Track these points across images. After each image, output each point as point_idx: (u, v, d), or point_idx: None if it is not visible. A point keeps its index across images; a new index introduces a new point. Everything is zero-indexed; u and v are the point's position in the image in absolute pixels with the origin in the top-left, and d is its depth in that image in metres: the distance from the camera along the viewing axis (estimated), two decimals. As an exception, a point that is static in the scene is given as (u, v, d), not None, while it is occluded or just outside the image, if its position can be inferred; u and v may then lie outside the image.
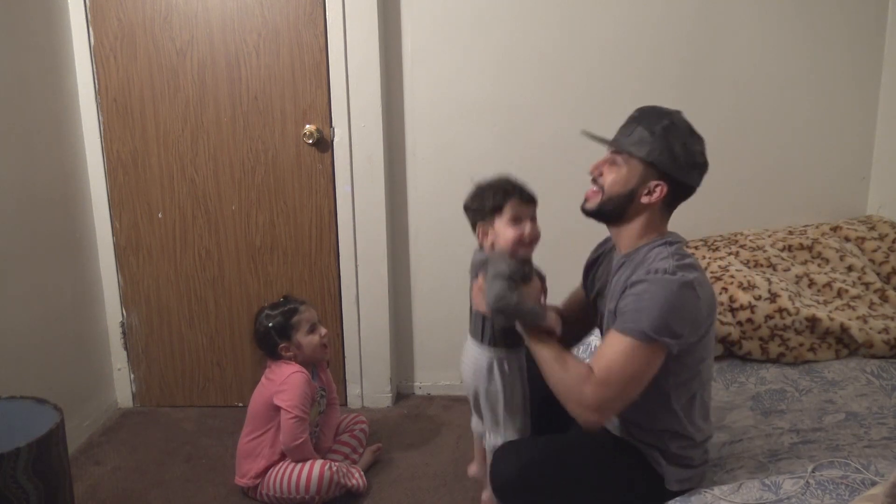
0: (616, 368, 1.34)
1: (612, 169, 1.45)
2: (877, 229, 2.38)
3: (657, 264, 1.37)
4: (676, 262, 1.37)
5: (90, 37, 2.46)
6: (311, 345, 2.10)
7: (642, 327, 1.32)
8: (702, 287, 1.37)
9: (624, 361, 1.34)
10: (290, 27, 2.44)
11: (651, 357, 1.34)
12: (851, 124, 2.49)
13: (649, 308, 1.32)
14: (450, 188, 2.61)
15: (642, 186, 1.42)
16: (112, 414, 2.70)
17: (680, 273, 1.34)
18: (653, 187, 1.42)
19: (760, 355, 2.12)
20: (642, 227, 1.46)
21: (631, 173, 1.43)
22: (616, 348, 1.35)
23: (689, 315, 1.35)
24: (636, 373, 1.34)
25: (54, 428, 1.69)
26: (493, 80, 2.51)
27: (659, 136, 1.40)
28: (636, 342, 1.33)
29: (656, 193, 1.42)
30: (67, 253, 2.45)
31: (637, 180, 1.42)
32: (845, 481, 1.40)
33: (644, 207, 1.44)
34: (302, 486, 2.01)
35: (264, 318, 2.10)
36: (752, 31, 2.43)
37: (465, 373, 1.64)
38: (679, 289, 1.33)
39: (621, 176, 1.43)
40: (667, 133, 1.40)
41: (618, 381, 1.34)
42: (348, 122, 2.48)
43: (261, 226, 2.60)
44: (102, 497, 2.15)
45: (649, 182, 1.42)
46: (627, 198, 1.44)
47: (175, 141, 2.54)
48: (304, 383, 2.05)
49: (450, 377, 2.80)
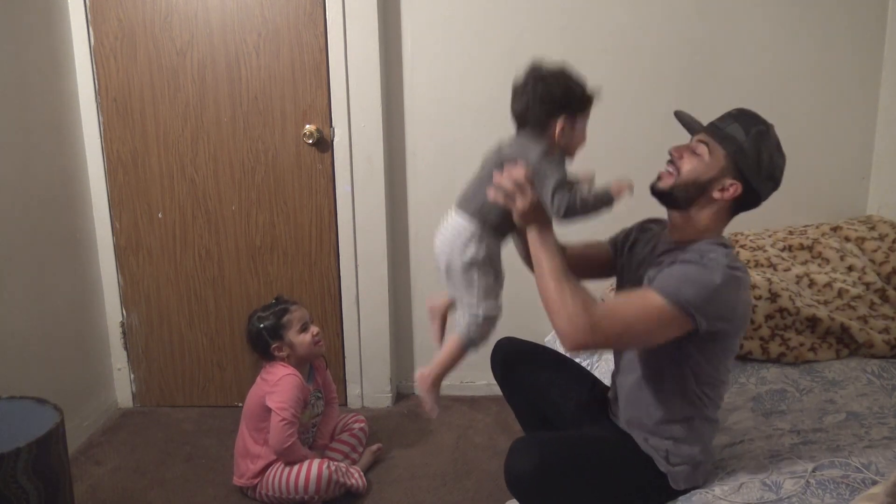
0: (625, 313, 1.33)
1: (693, 157, 1.44)
2: (877, 229, 2.38)
3: (712, 255, 1.37)
4: (728, 260, 1.37)
5: (90, 37, 2.46)
6: (304, 343, 2.10)
7: (673, 295, 1.31)
8: (744, 287, 1.38)
9: (636, 312, 1.33)
10: (290, 27, 2.44)
11: (669, 322, 1.32)
12: (851, 124, 2.49)
13: (692, 282, 1.32)
14: (450, 188, 2.60)
15: (718, 181, 1.42)
16: (112, 414, 2.69)
17: (732, 266, 1.35)
18: (728, 185, 1.41)
19: (761, 355, 2.12)
20: (703, 222, 1.45)
21: (713, 163, 1.42)
22: (641, 296, 1.34)
23: (727, 306, 1.35)
24: (645, 325, 1.33)
25: (54, 428, 1.68)
26: (493, 80, 2.51)
27: (752, 139, 1.41)
28: (665, 302, 1.31)
29: (729, 192, 1.41)
30: (67, 253, 2.45)
31: (716, 172, 1.42)
32: (846, 481, 1.40)
33: (712, 202, 1.43)
34: (301, 485, 2.01)
35: (256, 320, 2.11)
36: (752, 31, 2.43)
37: (439, 243, 1.52)
38: (724, 278, 1.33)
39: (702, 164, 1.42)
40: (760, 138, 1.41)
41: (621, 322, 1.33)
42: (348, 122, 2.48)
43: (261, 226, 2.60)
44: (102, 497, 2.14)
45: (726, 178, 1.41)
46: (700, 187, 1.43)
47: (175, 141, 2.54)
48: (295, 386, 2.04)
49: (450, 377, 2.76)
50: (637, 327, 1.34)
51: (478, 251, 1.47)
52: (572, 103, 1.41)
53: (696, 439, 1.48)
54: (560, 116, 1.40)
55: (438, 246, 1.53)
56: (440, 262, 1.53)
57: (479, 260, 1.47)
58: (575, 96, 1.41)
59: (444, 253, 1.51)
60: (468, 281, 1.49)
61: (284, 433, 2.01)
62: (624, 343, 1.36)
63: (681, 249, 1.44)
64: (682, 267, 1.36)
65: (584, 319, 1.30)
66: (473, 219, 1.48)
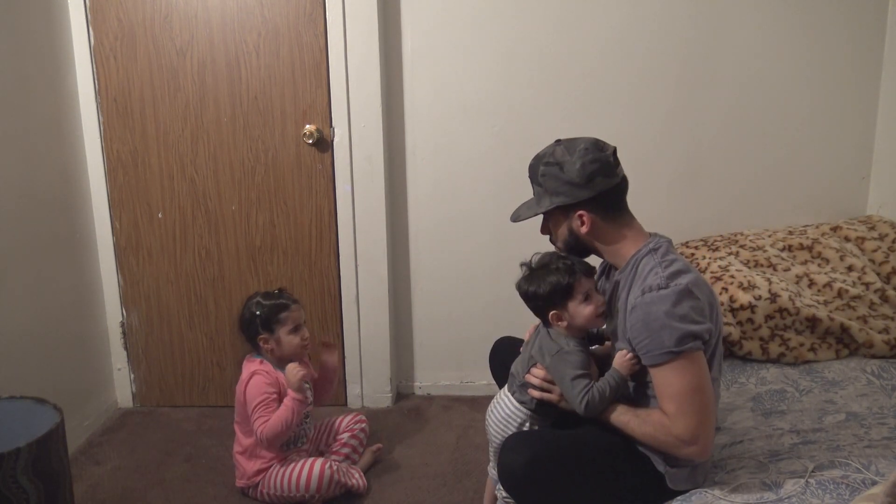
0: (679, 396, 1.36)
1: (548, 226, 1.56)
2: (877, 229, 2.38)
3: (649, 281, 1.39)
4: (665, 272, 1.38)
5: (90, 37, 2.46)
6: (291, 344, 2.09)
7: (667, 348, 1.34)
8: (697, 287, 1.38)
9: (678, 386, 1.36)
10: (290, 27, 2.44)
11: (694, 365, 1.36)
12: (851, 124, 2.49)
13: (661, 329, 1.34)
14: (450, 188, 2.62)
15: (572, 224, 1.49)
16: (112, 414, 2.69)
17: (672, 283, 1.36)
18: (578, 218, 1.47)
19: (761, 355, 2.12)
20: (614, 246, 1.50)
21: (557, 223, 1.53)
22: (664, 380, 1.37)
23: (697, 316, 1.36)
24: (696, 387, 1.36)
25: (54, 428, 1.69)
26: (492, 79, 2.51)
27: (544, 184, 1.48)
28: (673, 363, 1.35)
29: (586, 222, 1.47)
30: (67, 253, 2.45)
31: (564, 223, 1.50)
32: (846, 481, 1.40)
33: (591, 234, 1.48)
34: (302, 484, 2.01)
35: (254, 306, 2.10)
36: (751, 30, 2.43)
37: (491, 422, 1.67)
38: (677, 298, 1.34)
39: (555, 229, 1.54)
40: (548, 175, 1.47)
41: (688, 405, 1.36)
42: (348, 122, 2.48)
43: (261, 226, 2.60)
44: (102, 497, 2.14)
45: (572, 218, 1.48)
46: (574, 239, 1.51)
47: (175, 141, 2.54)
48: (258, 384, 2.03)
49: (450, 377, 2.80)
50: (698, 392, 1.36)
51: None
52: (554, 298, 1.52)
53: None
54: (550, 311, 1.53)
55: (492, 426, 1.67)
56: (492, 440, 1.67)
57: None
58: (553, 292, 1.51)
59: (496, 433, 1.65)
60: None
61: (256, 427, 2.01)
62: (711, 404, 1.39)
63: (624, 280, 1.47)
64: (641, 326, 1.38)
65: (683, 436, 1.36)
66: (522, 406, 1.62)
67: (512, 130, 2.55)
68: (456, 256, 2.68)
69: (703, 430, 1.37)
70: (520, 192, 2.60)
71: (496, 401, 1.69)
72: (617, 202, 1.49)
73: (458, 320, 2.70)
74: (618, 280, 1.50)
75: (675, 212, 2.54)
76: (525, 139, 2.53)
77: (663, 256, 1.42)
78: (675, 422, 1.37)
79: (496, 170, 2.57)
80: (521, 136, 2.53)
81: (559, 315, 1.54)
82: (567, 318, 1.53)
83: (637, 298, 1.38)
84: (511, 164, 2.55)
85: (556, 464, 1.45)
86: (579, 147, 1.45)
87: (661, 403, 1.40)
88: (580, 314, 1.52)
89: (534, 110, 2.52)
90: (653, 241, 1.47)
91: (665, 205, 2.54)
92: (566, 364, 1.51)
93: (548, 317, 1.55)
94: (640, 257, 1.45)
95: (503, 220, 2.64)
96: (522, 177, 1.61)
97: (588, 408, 1.47)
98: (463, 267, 2.68)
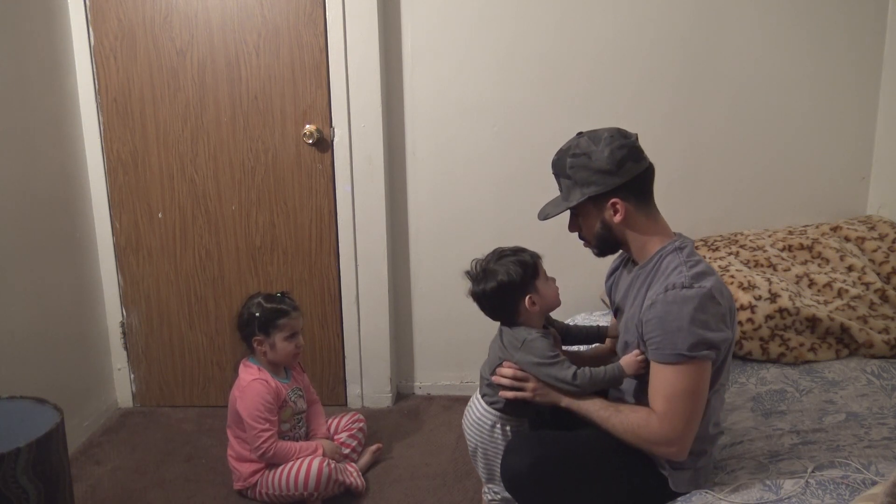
0: (673, 397, 1.36)
1: (577, 222, 1.53)
2: (877, 229, 2.38)
3: (672, 279, 1.37)
4: (690, 272, 1.37)
5: (90, 37, 2.46)
6: (285, 351, 2.09)
7: (679, 350, 1.34)
8: (721, 294, 1.38)
9: (676, 388, 1.35)
10: (290, 27, 2.44)
11: (698, 373, 1.36)
12: (851, 124, 2.49)
13: (677, 329, 1.33)
14: (450, 188, 2.62)
15: (604, 214, 1.47)
16: (112, 414, 2.69)
17: (697, 285, 1.35)
18: (611, 207, 1.45)
19: (761, 355, 2.12)
20: (641, 238, 1.48)
21: (588, 216, 1.50)
22: (664, 379, 1.37)
23: (717, 324, 1.36)
24: (692, 393, 1.36)
25: (54, 428, 1.68)
26: (493, 79, 2.51)
27: (574, 176, 1.46)
28: (679, 366, 1.35)
29: (620, 210, 1.45)
30: (67, 253, 2.45)
31: (596, 215, 1.48)
32: (846, 481, 1.40)
33: (625, 223, 1.46)
34: (301, 483, 2.01)
35: (254, 306, 2.10)
36: (751, 30, 2.43)
37: (467, 429, 1.69)
38: (700, 302, 1.33)
39: (586, 223, 1.51)
40: (577, 167, 1.45)
41: (680, 408, 1.36)
42: (348, 122, 2.48)
43: (261, 226, 2.60)
44: (102, 497, 2.15)
45: (605, 208, 1.46)
46: (606, 231, 1.49)
47: (175, 141, 2.54)
48: (259, 393, 2.03)
49: (450, 377, 2.80)
50: (692, 400, 1.36)
51: (503, 436, 1.62)
52: (526, 279, 1.54)
53: (700, 445, 1.47)
54: (525, 296, 1.54)
55: (466, 429, 1.69)
56: (469, 443, 1.69)
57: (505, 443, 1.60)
58: (525, 278, 1.54)
59: (472, 437, 1.67)
60: (491, 460, 1.65)
61: (259, 442, 2.01)
62: (699, 414, 1.39)
63: (643, 273, 1.47)
64: (657, 321, 1.36)
65: (661, 436, 1.38)
66: (491, 408, 1.63)
67: (512, 130, 2.55)
68: (456, 256, 2.66)
69: (686, 433, 1.38)
70: (520, 192, 2.63)
71: (469, 405, 1.70)
72: (648, 188, 1.48)
73: (458, 320, 2.70)
74: (638, 274, 1.49)
75: (674, 212, 2.49)
76: (525, 139, 2.53)
77: (688, 256, 1.42)
78: (661, 421, 1.37)
79: (496, 170, 2.57)
80: (521, 136, 2.53)
81: (533, 298, 1.54)
82: (538, 300, 1.55)
83: (659, 295, 1.37)
84: (511, 165, 2.55)
85: (560, 465, 1.45)
86: (604, 136, 1.44)
87: (653, 399, 1.39)
88: (549, 292, 1.55)
89: (534, 110, 2.52)
90: (679, 239, 1.47)
91: (665, 205, 2.48)
92: (536, 351, 1.52)
93: (518, 307, 1.55)
94: (665, 254, 1.44)
95: (503, 219, 2.67)
96: (523, 177, 1.61)
97: (577, 379, 1.47)
98: (463, 267, 2.68)
